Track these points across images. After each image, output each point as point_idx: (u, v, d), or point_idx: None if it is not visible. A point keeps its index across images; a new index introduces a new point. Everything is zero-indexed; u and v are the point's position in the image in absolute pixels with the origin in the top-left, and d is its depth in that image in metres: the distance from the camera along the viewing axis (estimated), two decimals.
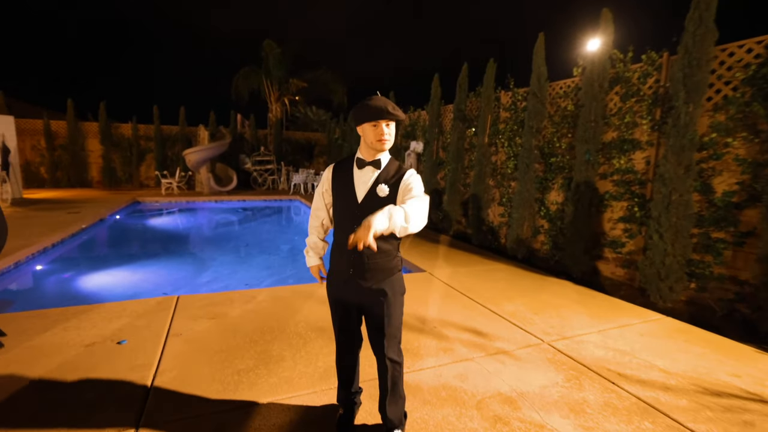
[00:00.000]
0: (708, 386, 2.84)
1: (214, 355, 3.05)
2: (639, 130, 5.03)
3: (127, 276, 6.03)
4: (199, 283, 5.78)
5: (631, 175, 5.08)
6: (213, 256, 7.36)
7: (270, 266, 6.81)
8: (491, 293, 4.60)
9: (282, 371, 2.85)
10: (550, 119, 6.13)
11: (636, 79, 5.00)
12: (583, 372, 2.96)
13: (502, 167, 7.13)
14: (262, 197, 14.21)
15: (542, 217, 6.25)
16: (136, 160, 16.07)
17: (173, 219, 11.62)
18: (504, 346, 3.32)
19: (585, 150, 5.29)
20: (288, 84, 18.55)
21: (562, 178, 5.95)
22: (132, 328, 3.46)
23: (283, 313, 3.88)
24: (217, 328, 3.53)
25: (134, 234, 9.38)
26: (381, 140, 1.87)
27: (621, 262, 5.27)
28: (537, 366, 3.03)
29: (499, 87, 7.16)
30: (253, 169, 16.53)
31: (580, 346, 3.37)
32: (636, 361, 3.14)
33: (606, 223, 5.43)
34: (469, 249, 6.91)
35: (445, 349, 3.23)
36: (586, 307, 4.26)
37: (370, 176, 1.94)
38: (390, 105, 1.84)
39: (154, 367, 2.86)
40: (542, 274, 5.50)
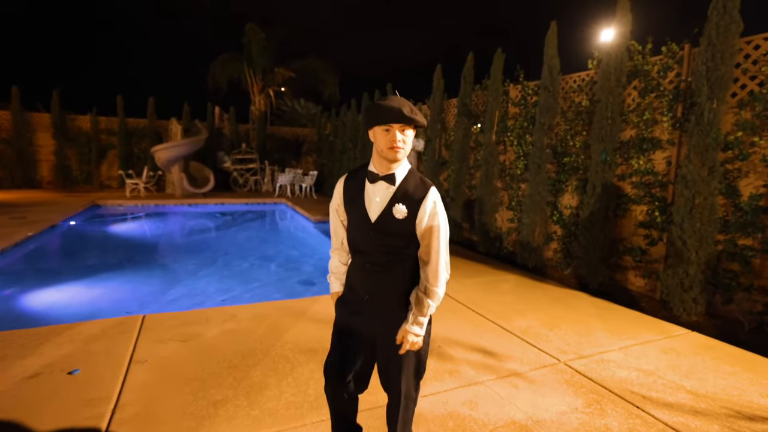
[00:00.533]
0: (740, 409, 2.88)
1: (186, 384, 2.93)
2: (659, 127, 5.09)
3: (83, 292, 5.77)
4: (170, 299, 5.58)
5: (651, 176, 5.15)
6: (186, 268, 7.16)
7: (253, 279, 6.67)
8: (500, 307, 4.63)
9: (265, 401, 2.76)
10: (563, 115, 6.20)
11: (655, 72, 5.07)
12: (605, 395, 3.00)
13: (511, 167, 7.18)
14: (243, 200, 14.04)
15: (555, 223, 6.30)
16: (96, 157, 15.62)
17: (139, 225, 11.35)
18: (516, 368, 3.34)
19: (601, 149, 5.35)
20: (273, 73, 18.42)
21: (577, 179, 6.00)
22: (87, 355, 3.27)
23: (267, 334, 3.78)
24: (190, 352, 3.41)
25: (93, 243, 9.00)
26: (393, 148, 1.75)
27: (641, 271, 5.33)
28: (554, 389, 3.05)
29: (508, 80, 7.22)
30: (233, 168, 16.39)
31: (599, 365, 3.41)
32: (661, 382, 3.18)
33: (625, 228, 5.49)
34: (474, 257, 6.95)
35: (452, 372, 3.24)
36: (604, 322, 4.31)
37: (385, 192, 1.84)
38: (407, 106, 1.72)
39: (112, 401, 2.70)
40: (556, 285, 5.55)
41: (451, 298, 4.90)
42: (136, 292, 5.90)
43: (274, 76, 18.54)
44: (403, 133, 1.76)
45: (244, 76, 18.27)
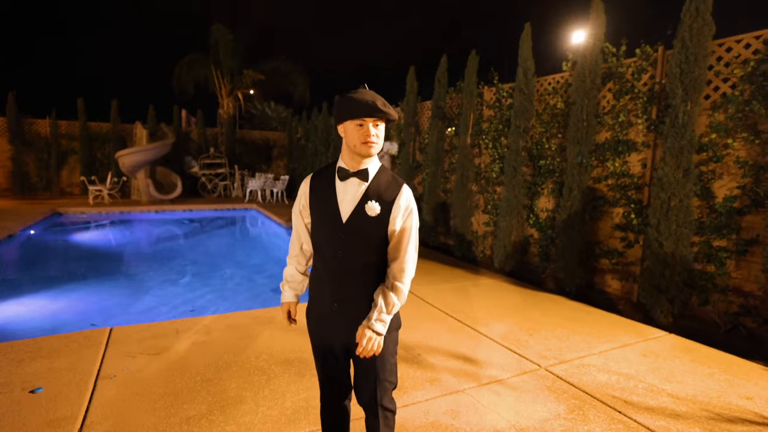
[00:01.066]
0: (720, 411, 2.90)
1: (158, 400, 2.85)
2: (634, 129, 5.18)
3: (45, 305, 5.58)
4: (137, 311, 5.47)
5: (626, 178, 5.23)
6: (153, 277, 7.03)
7: (224, 288, 6.59)
8: (479, 312, 4.60)
9: (241, 416, 2.70)
10: (538, 118, 6.25)
11: (630, 74, 5.16)
12: (587, 401, 2.97)
13: (487, 171, 7.21)
14: (212, 206, 13.88)
15: (531, 226, 6.34)
16: (56, 163, 15.15)
17: (104, 234, 11.10)
18: (497, 374, 3.30)
19: (577, 152, 5.41)
20: (242, 75, 18.25)
21: (553, 182, 6.06)
22: (50, 372, 3.15)
23: (241, 345, 3.71)
24: (161, 365, 3.31)
25: (54, 253, 8.75)
26: (367, 143, 1.71)
27: (618, 274, 5.39)
28: (536, 396, 3.02)
29: (482, 82, 7.27)
30: (202, 173, 16.17)
31: (580, 370, 3.39)
32: (642, 386, 3.19)
33: (601, 231, 5.56)
34: (451, 262, 6.93)
35: (432, 380, 3.18)
36: (583, 326, 4.32)
37: (356, 190, 1.79)
38: (380, 100, 1.70)
39: (79, 419, 2.60)
40: (533, 289, 5.56)
41: (428, 304, 4.85)
42: (102, 303, 5.76)
43: (243, 78, 18.34)
44: (376, 128, 1.73)
45: (212, 78, 18.01)
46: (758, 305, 4.15)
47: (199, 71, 17.98)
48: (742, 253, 4.23)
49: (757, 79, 4.02)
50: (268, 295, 6.20)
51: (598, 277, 5.61)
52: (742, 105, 4.12)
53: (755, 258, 4.17)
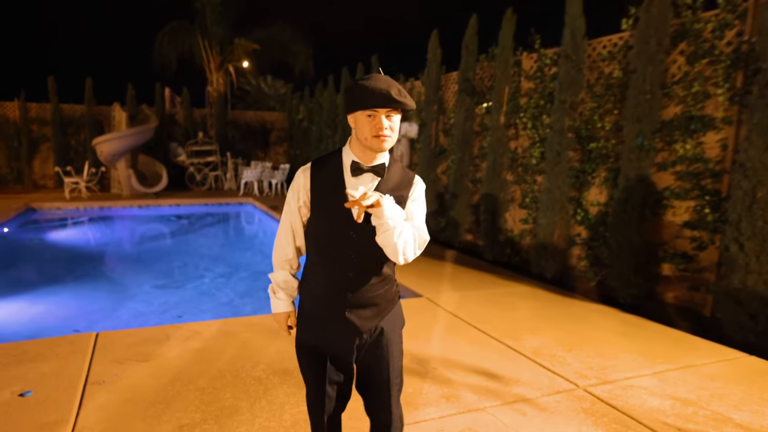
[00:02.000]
0: None
1: (149, 407, 3.08)
2: (712, 102, 5.09)
3: (22, 309, 5.99)
4: (121, 315, 5.81)
5: (700, 164, 5.15)
6: (138, 281, 7.38)
7: (216, 292, 6.86)
8: (509, 324, 4.63)
9: (237, 426, 2.89)
10: (589, 90, 6.22)
11: (709, 32, 5.06)
12: (631, 426, 2.97)
13: (525, 156, 7.20)
14: (202, 200, 14.30)
15: (579, 223, 6.31)
16: (27, 152, 15.89)
17: (83, 232, 11.62)
18: (525, 393, 3.33)
19: (637, 132, 5.36)
20: (232, 45, 18.47)
21: (606, 169, 6.02)
22: (37, 376, 3.46)
23: (236, 353, 3.95)
24: (151, 373, 3.58)
25: (30, 253, 9.27)
26: (379, 137, 1.78)
27: (686, 282, 5.33)
28: (568, 418, 3.03)
29: (521, 48, 7.25)
30: (189, 162, 16.54)
31: (627, 392, 3.39)
32: (703, 413, 3.15)
33: (665, 230, 5.50)
34: (480, 266, 6.93)
35: (449, 397, 3.26)
36: (636, 342, 4.29)
37: (369, 185, 1.88)
38: (395, 88, 1.74)
39: (70, 424, 2.87)
40: (578, 299, 5.54)
41: (449, 313, 4.92)
42: (84, 308, 6.15)
43: (234, 49, 18.56)
44: (390, 119, 1.78)
45: (198, 51, 18.22)
46: None
47: (183, 42, 18.21)
48: None
49: None
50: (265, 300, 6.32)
51: (661, 286, 5.54)
52: None
53: None
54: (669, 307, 5.40)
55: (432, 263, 6.94)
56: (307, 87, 16.46)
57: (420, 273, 6.30)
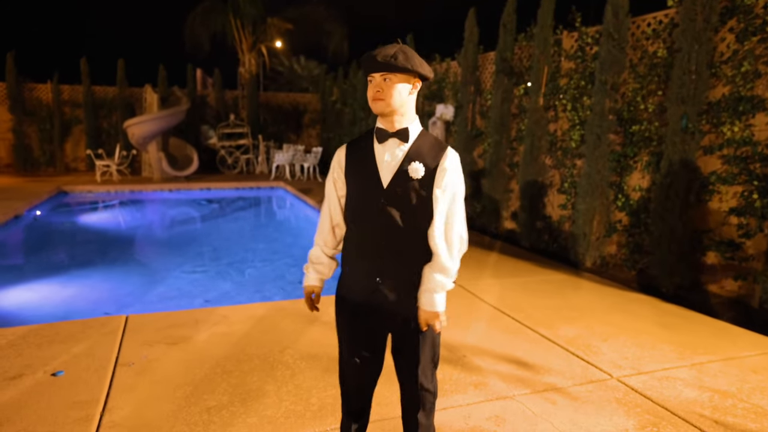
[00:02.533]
0: None
1: (177, 389, 3.23)
2: (763, 82, 5.01)
3: (54, 291, 6.21)
4: (151, 299, 5.98)
5: (749, 147, 5.08)
6: (168, 265, 7.55)
7: (246, 278, 7.02)
8: (544, 313, 4.69)
9: (264, 409, 3.01)
10: (632, 70, 6.16)
11: (761, 8, 4.95)
12: (664, 417, 3.03)
13: (564, 139, 7.18)
14: (233, 184, 14.40)
15: (620, 209, 6.29)
16: (60, 134, 16.03)
17: (113, 215, 11.87)
18: (556, 382, 3.41)
19: (681, 114, 5.31)
20: (265, 25, 18.52)
21: (649, 153, 5.98)
22: (69, 356, 3.65)
23: (263, 337, 4.08)
24: (180, 355, 3.74)
25: (62, 236, 9.55)
26: (374, 99, 1.91)
27: (733, 271, 5.29)
28: (600, 408, 3.11)
29: (561, 26, 7.20)
30: (221, 145, 16.70)
31: (662, 383, 3.44)
32: (743, 406, 3.19)
33: (711, 216, 5.46)
34: (517, 253, 7.00)
35: (477, 384, 3.36)
36: (676, 333, 4.32)
37: (396, 152, 1.99)
38: (383, 51, 1.86)
39: (101, 403, 3.02)
40: (618, 287, 5.56)
41: (483, 300, 4.99)
42: (114, 291, 6.34)
43: (267, 29, 18.61)
44: (385, 81, 1.89)
45: (230, 31, 18.28)
46: None
47: (215, 22, 18.29)
48: None
49: None
50: (295, 286, 6.52)
51: (706, 276, 5.51)
52: None
53: None
54: (713, 298, 5.37)
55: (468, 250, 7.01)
56: (341, 68, 16.46)
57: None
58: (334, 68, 17.47)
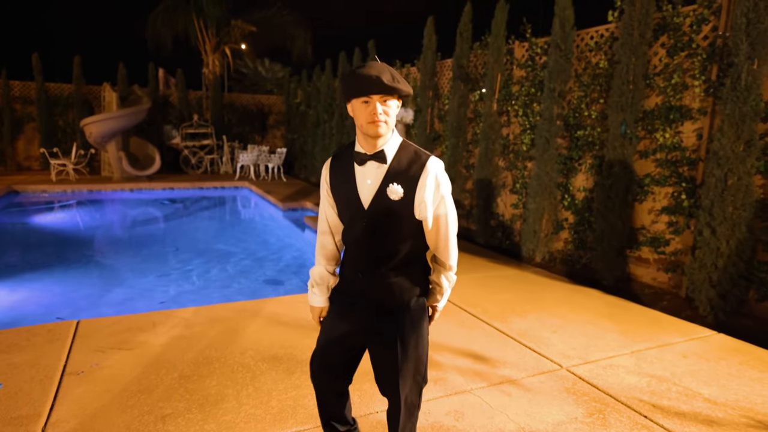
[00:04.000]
0: (763, 419, 3.07)
1: (131, 397, 3.02)
2: (690, 93, 5.22)
3: (2, 296, 5.84)
4: (108, 303, 5.68)
5: (678, 152, 5.30)
6: (128, 267, 7.26)
7: (209, 279, 6.80)
8: (498, 307, 4.80)
9: (222, 414, 2.88)
10: (577, 79, 6.31)
11: (688, 26, 5.16)
12: (609, 404, 3.16)
13: (516, 143, 7.30)
14: (196, 184, 14.07)
15: (566, 208, 6.46)
16: (10, 132, 15.21)
17: (70, 216, 11.30)
18: (511, 374, 3.50)
19: (621, 120, 5.47)
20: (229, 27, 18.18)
21: (592, 156, 6.15)
22: (9, 367, 3.34)
23: (224, 339, 3.92)
24: (135, 361, 3.50)
25: (12, 237, 9.00)
26: (373, 122, 1.83)
27: (664, 264, 5.51)
28: (551, 398, 3.21)
29: (513, 36, 7.28)
30: (184, 145, 16.27)
31: (607, 371, 3.58)
32: (676, 390, 3.36)
33: (646, 215, 5.67)
34: (472, 250, 7.10)
35: (437, 380, 3.38)
36: (617, 323, 4.49)
37: (376, 173, 1.92)
38: (387, 73, 1.76)
39: (43, 417, 2.76)
40: (565, 281, 5.73)
41: None
42: (68, 295, 5.96)
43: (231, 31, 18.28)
44: (384, 104, 1.81)
45: (194, 31, 17.89)
46: None
47: (178, 22, 17.84)
48: None
49: None
50: (259, 287, 6.43)
51: (641, 269, 5.74)
52: None
53: None
54: (648, 288, 5.59)
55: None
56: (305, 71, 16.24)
57: None
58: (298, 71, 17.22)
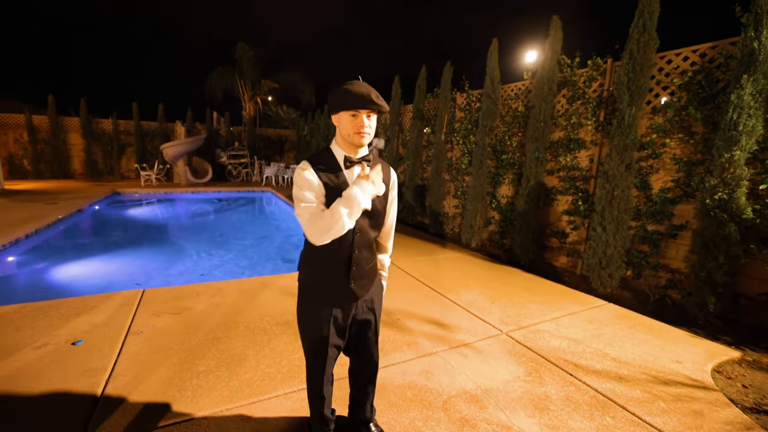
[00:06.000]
0: (657, 374, 2.61)
1: (174, 355, 2.56)
2: (584, 130, 4.80)
3: (100, 267, 5.33)
4: (173, 273, 5.17)
5: (576, 171, 4.87)
6: (188, 246, 6.68)
7: (243, 256, 6.27)
8: (450, 283, 4.26)
9: (244, 372, 2.40)
10: (502, 119, 5.83)
11: (582, 83, 4.75)
12: (542, 364, 2.66)
13: (457, 163, 6.80)
14: (236, 189, 13.44)
15: (494, 209, 5.98)
16: (117, 153, 14.91)
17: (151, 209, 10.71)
18: (465, 338, 2.97)
19: (534, 148, 5.03)
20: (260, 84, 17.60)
21: (513, 173, 5.68)
22: (90, 326, 2.90)
23: (248, 306, 3.38)
24: (180, 324, 3.01)
25: (111, 224, 8.46)
26: (360, 133, 1.41)
27: (565, 251, 5.08)
28: (498, 359, 2.69)
29: (455, 89, 6.79)
30: (228, 162, 15.66)
31: (536, 335, 3.08)
32: (589, 351, 2.88)
33: (552, 215, 5.22)
34: (426, 238, 6.57)
35: (410, 343, 2.85)
36: (537, 295, 4.01)
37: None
38: (374, 93, 1.39)
39: (107, 371, 2.35)
40: (494, 262, 5.23)
41: (408, 274, 4.50)
42: (145, 267, 5.48)
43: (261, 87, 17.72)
44: (369, 119, 1.43)
45: (236, 86, 17.40)
46: (683, 280, 3.86)
47: (226, 81, 17.41)
48: (672, 236, 3.93)
49: (693, 87, 3.64)
50: (277, 263, 5.86)
51: (548, 254, 5.29)
52: (680, 109, 3.75)
53: (683, 240, 3.86)
54: (554, 268, 5.15)
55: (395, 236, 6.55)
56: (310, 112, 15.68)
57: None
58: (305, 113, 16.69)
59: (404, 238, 6.40)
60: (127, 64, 48.20)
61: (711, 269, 3.36)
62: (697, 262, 3.46)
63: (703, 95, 3.57)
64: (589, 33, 21.03)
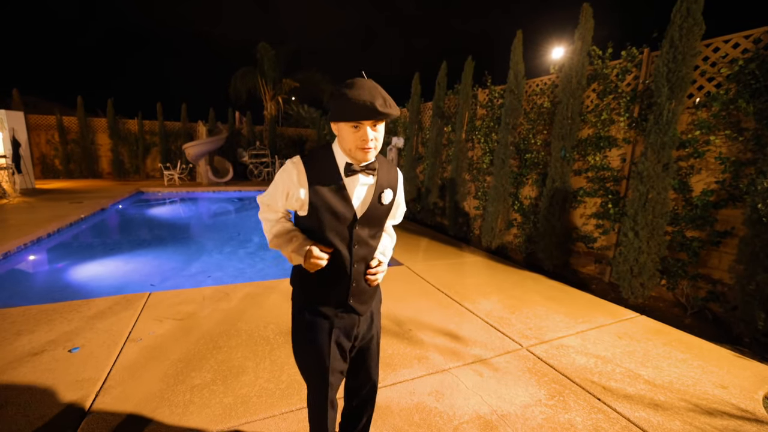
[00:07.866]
0: (698, 402, 2.30)
1: (170, 366, 2.43)
2: (615, 127, 4.44)
3: (117, 267, 5.32)
4: (188, 273, 5.10)
5: (606, 171, 4.52)
6: (207, 246, 6.66)
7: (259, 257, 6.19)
8: (467, 290, 4.01)
9: (240, 387, 2.25)
10: (526, 116, 5.51)
11: (614, 76, 4.39)
12: (567, 386, 2.39)
13: (478, 162, 6.51)
14: (257, 188, 13.50)
15: (516, 211, 5.67)
16: (142, 153, 15.29)
17: (174, 208, 10.88)
18: (482, 353, 2.73)
19: (560, 146, 4.70)
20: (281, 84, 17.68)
21: (537, 173, 5.36)
22: (91, 332, 2.81)
23: (253, 312, 3.23)
24: (182, 330, 2.89)
25: (132, 224, 8.55)
26: (364, 149, 1.19)
27: (592, 257, 4.74)
28: (517, 378, 2.45)
29: (477, 85, 6.48)
30: (250, 161, 15.80)
31: (560, 351, 2.81)
32: (620, 371, 2.59)
33: (579, 218, 4.88)
34: (445, 240, 6.31)
35: (420, 358, 2.63)
36: (561, 304, 3.71)
37: (366, 182, 1.31)
38: (380, 98, 1.13)
39: (100, 382, 2.25)
40: (515, 267, 4.94)
41: (423, 279, 4.28)
42: (161, 267, 5.42)
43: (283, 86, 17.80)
44: (375, 130, 1.17)
45: (259, 87, 17.56)
46: (726, 292, 3.49)
47: (248, 81, 17.57)
48: (715, 243, 3.55)
49: (745, 77, 3.26)
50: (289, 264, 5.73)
51: (573, 259, 4.95)
52: (727, 103, 3.37)
53: (728, 249, 3.48)
54: (579, 274, 4.81)
55: (412, 238, 6.33)
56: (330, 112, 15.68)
57: (402, 246, 5.68)
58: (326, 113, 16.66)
59: (422, 240, 6.18)
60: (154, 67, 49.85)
61: (761, 282, 2.99)
62: (744, 273, 3.09)
63: (756, 86, 3.18)
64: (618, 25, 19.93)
